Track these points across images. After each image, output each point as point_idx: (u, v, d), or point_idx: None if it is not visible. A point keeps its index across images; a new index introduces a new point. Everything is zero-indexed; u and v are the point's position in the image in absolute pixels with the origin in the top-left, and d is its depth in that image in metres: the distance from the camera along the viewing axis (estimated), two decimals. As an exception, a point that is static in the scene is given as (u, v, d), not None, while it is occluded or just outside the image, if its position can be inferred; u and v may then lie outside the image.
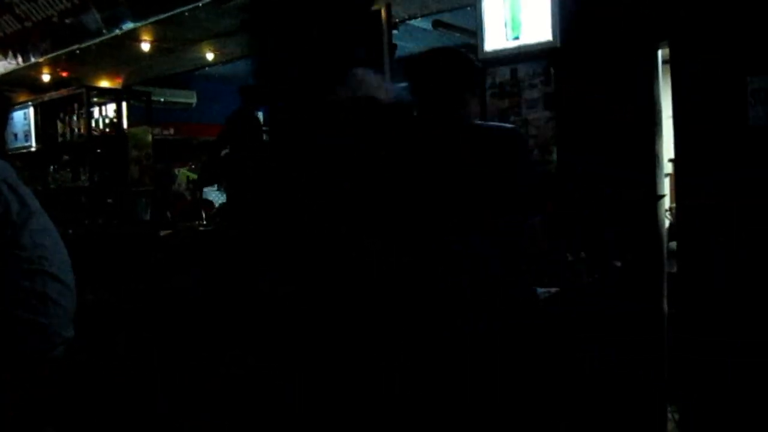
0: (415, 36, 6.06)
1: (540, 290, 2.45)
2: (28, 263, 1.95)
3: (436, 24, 5.88)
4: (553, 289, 2.41)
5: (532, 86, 3.32)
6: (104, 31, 5.03)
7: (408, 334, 2.04)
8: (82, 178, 6.15)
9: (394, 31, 4.52)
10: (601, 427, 2.76)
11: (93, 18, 4.94)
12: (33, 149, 6.73)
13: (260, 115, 8.46)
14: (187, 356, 2.94)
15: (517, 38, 3.31)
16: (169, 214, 5.89)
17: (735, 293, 2.65)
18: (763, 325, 2.56)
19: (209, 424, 2.66)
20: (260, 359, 2.77)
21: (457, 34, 6.23)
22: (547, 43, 3.19)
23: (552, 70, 3.23)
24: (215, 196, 6.26)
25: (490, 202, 2.06)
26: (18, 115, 6.74)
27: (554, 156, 3.24)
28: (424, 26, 5.99)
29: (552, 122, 3.24)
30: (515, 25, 3.32)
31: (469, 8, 4.20)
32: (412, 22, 5.25)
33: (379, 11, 4.26)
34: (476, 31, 3.47)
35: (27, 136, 6.76)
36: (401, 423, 2.05)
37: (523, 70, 3.35)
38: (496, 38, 3.37)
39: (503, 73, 3.40)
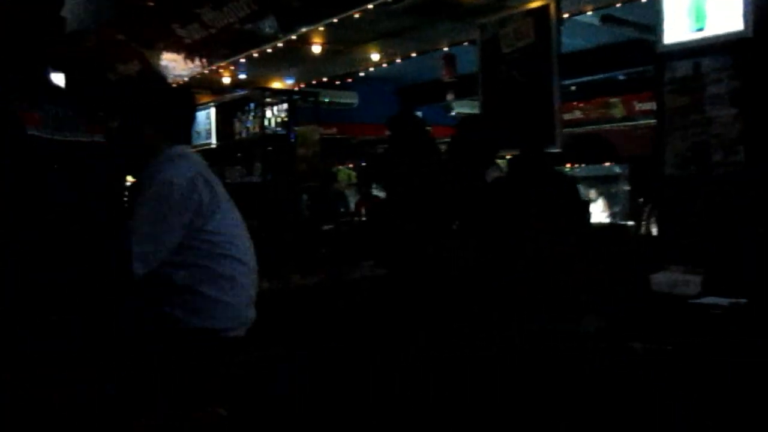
0: (579, 32, 5.86)
1: (723, 300, 2.29)
2: (217, 248, 2.11)
3: (605, 19, 5.64)
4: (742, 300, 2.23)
5: (716, 81, 3.09)
6: (279, 35, 5.33)
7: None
8: (255, 173, 6.58)
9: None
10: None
11: (270, 23, 5.25)
12: (213, 146, 7.29)
13: (419, 114, 8.59)
14: (350, 342, 3.06)
15: (701, 29, 3.09)
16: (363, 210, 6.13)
17: None
18: None
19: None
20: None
21: (628, 29, 5.95)
22: (738, 33, 2.94)
23: (740, 63, 2.99)
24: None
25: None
26: (201, 115, 7.32)
27: (740, 156, 3.00)
28: (591, 21, 5.78)
29: (739, 120, 2.99)
30: (699, 15, 3.11)
31: (644, 0, 4.00)
32: (578, 17, 5.09)
33: (547, 6, 4.17)
34: (650, 25, 3.30)
35: (208, 134, 7.33)
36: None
37: (706, 63, 3.12)
38: (677, 30, 3.17)
39: (684, 67, 3.19)
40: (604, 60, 7.26)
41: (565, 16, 4.44)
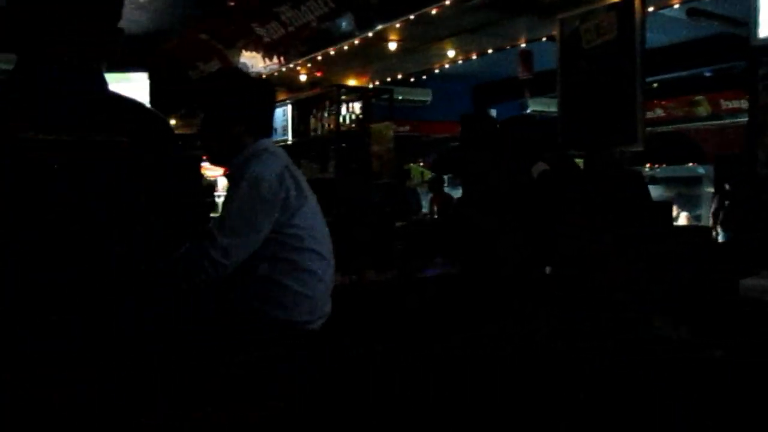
0: (662, 26, 5.66)
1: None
2: (300, 241, 2.15)
3: (692, 12, 5.43)
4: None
5: (816, 76, 2.93)
6: (356, 32, 5.37)
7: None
8: (329, 170, 6.67)
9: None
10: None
11: (347, 21, 5.30)
12: (289, 142, 7.42)
13: (494, 112, 8.51)
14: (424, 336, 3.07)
15: (800, 22, 2.94)
16: (435, 208, 6.17)
17: None
18: None
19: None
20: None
21: (715, 23, 5.71)
22: (841, 26, 2.78)
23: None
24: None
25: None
26: (278, 112, 7.47)
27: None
28: (675, 15, 5.58)
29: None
30: (798, 7, 2.95)
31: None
32: (663, 11, 4.91)
33: (632, 1, 4.03)
34: (740, 18, 3.16)
35: (285, 131, 7.47)
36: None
37: (805, 58, 2.97)
38: (772, 23, 3.02)
39: (780, 62, 3.04)
40: (690, 56, 6.98)
41: (650, 9, 4.28)
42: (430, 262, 3.70)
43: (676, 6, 4.54)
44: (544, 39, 5.49)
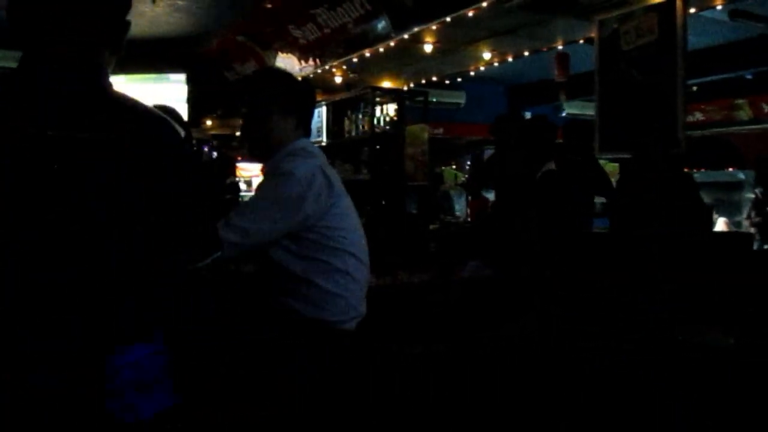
0: (703, 28, 5.55)
1: None
2: (333, 241, 2.16)
3: (734, 14, 5.32)
4: None
5: None
6: (392, 34, 5.37)
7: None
8: (364, 171, 6.68)
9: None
10: None
11: (383, 23, 5.30)
12: (324, 144, 7.46)
13: (528, 115, 8.43)
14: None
15: None
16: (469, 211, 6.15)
17: None
18: None
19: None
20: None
21: (759, 24, 5.59)
22: None
23: None
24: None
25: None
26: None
27: None
28: (716, 17, 5.47)
29: None
30: None
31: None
32: (704, 12, 4.82)
33: (673, 1, 3.97)
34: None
35: (319, 132, 7.51)
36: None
37: None
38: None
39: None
40: (731, 58, 6.83)
41: (692, 11, 4.21)
42: (465, 264, 3.69)
43: (719, 7, 4.46)
44: (581, 41, 5.44)
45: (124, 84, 5.79)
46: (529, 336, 3.00)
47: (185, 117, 6.11)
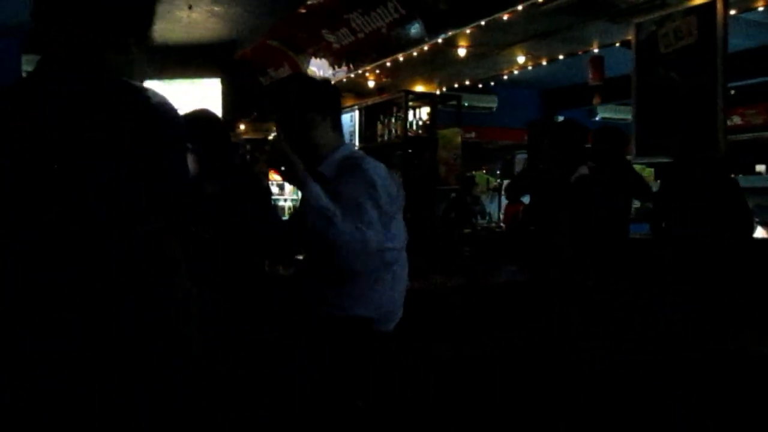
0: (740, 30, 5.45)
1: None
2: (386, 240, 2.14)
3: (776, 16, 5.22)
4: None
5: None
6: (426, 39, 5.37)
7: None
8: (396, 175, 6.67)
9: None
10: None
11: (417, 27, 5.31)
12: (357, 148, 7.46)
13: (560, 119, 8.36)
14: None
15: None
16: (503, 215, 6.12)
17: None
18: None
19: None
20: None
21: (801, 27, 5.47)
22: None
23: None
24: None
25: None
26: (345, 118, 7.53)
27: None
28: (757, 18, 5.38)
29: None
30: None
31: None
32: (744, 15, 4.74)
33: (713, 3, 3.90)
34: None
35: (352, 136, 7.53)
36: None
37: None
38: None
39: None
40: (771, 61, 6.71)
41: (732, 12, 4.13)
42: (498, 268, 3.67)
43: (761, 8, 4.37)
44: (617, 44, 5.38)
45: (160, 87, 5.83)
46: (546, 338, 2.98)
47: (220, 121, 6.16)
